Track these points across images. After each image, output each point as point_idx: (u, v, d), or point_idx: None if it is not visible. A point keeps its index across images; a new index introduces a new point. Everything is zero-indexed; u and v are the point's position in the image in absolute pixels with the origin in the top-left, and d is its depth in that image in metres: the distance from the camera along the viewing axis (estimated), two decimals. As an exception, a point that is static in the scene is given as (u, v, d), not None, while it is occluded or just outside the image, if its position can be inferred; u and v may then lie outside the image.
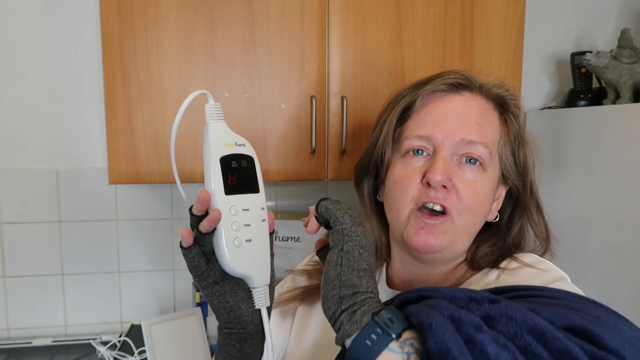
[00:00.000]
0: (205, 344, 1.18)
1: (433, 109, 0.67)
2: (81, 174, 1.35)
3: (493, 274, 0.67)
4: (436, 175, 0.62)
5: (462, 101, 0.67)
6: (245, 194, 0.54)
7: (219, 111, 0.55)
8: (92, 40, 1.31)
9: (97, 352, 1.25)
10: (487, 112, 0.68)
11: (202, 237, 0.52)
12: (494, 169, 0.67)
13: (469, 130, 0.64)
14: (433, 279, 0.70)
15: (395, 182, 0.67)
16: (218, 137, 0.54)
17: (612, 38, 1.51)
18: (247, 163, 0.55)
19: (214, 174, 0.52)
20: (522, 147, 0.70)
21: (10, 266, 1.34)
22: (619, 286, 1.14)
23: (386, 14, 1.06)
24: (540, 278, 0.63)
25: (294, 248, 1.37)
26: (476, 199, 0.64)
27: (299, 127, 1.06)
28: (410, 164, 0.66)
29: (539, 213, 0.72)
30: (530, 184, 0.70)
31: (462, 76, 0.67)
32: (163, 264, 1.42)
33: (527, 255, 0.69)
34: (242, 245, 0.53)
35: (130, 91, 1.00)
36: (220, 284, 0.55)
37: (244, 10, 1.02)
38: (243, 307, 0.56)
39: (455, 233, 0.65)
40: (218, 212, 0.51)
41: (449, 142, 0.64)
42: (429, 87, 0.67)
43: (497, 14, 1.10)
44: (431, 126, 0.65)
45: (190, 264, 0.53)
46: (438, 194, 0.63)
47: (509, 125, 0.69)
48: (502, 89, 0.69)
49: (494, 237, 0.71)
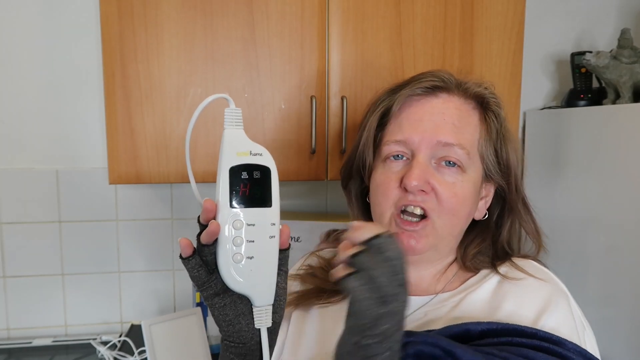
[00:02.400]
0: (205, 344, 1.18)
1: (410, 113, 0.67)
2: (81, 174, 1.35)
3: (493, 278, 0.67)
4: (412, 181, 0.62)
5: (438, 103, 0.67)
6: (254, 207, 0.51)
7: (239, 117, 0.52)
8: (92, 40, 1.31)
9: (97, 352, 1.25)
10: (466, 113, 0.67)
11: (203, 248, 0.51)
12: (475, 169, 0.67)
13: (445, 133, 0.64)
14: (424, 280, 0.70)
15: (377, 187, 0.68)
16: (231, 146, 0.51)
17: (612, 38, 1.51)
18: (261, 174, 0.52)
19: (222, 184, 0.50)
20: (505, 145, 0.69)
21: (10, 266, 1.34)
22: (619, 286, 1.14)
23: (386, 14, 1.06)
24: (542, 290, 0.63)
25: (294, 248, 1.36)
26: (456, 200, 0.64)
27: (299, 127, 1.06)
28: (390, 168, 0.67)
29: (526, 211, 0.72)
30: (515, 182, 0.70)
31: (438, 78, 0.67)
32: (163, 264, 1.42)
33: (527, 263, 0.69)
34: (242, 262, 0.51)
35: (130, 91, 1.00)
36: (221, 296, 0.53)
37: (244, 10, 1.02)
38: (243, 322, 0.54)
39: (436, 236, 0.65)
40: (216, 225, 0.50)
41: (425, 146, 0.64)
42: (405, 91, 0.67)
43: (497, 13, 1.10)
44: (408, 130, 0.65)
45: (190, 274, 0.52)
46: (417, 197, 0.64)
47: (490, 123, 0.69)
48: (481, 87, 0.69)
49: (481, 236, 0.72)
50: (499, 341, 0.53)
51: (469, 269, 0.70)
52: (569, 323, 0.60)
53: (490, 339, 0.54)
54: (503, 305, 0.63)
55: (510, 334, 0.54)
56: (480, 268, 0.69)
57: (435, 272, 0.70)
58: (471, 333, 0.55)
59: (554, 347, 0.52)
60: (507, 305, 0.62)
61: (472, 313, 0.63)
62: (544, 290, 0.64)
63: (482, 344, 0.54)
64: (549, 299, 0.62)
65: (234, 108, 0.52)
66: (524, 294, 0.63)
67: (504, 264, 0.69)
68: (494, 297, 0.64)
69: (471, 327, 0.56)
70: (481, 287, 0.66)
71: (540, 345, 0.52)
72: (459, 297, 0.66)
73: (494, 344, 0.53)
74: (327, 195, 1.49)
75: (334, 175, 1.09)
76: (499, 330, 0.55)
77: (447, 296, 0.67)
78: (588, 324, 0.65)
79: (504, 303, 0.63)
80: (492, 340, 0.54)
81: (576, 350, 0.53)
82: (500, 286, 0.66)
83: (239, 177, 0.50)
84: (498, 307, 0.63)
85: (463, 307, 0.64)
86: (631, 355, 1.10)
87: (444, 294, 0.68)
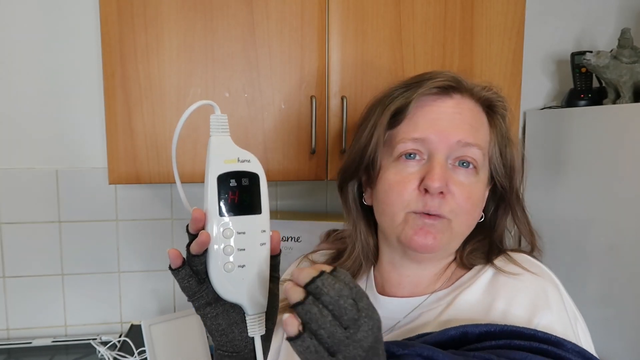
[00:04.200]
0: (205, 344, 1.18)
1: (426, 112, 0.66)
2: (81, 174, 1.35)
3: (487, 272, 0.67)
4: (435, 182, 0.61)
5: (453, 104, 0.66)
6: (243, 215, 0.50)
7: (224, 124, 0.51)
8: (92, 40, 1.31)
9: (97, 352, 1.25)
10: (478, 115, 0.68)
11: (193, 258, 0.50)
12: (485, 171, 0.68)
13: (464, 133, 0.64)
14: (424, 280, 0.70)
15: (390, 187, 0.66)
16: (218, 153, 0.50)
17: (612, 38, 1.51)
18: (250, 181, 0.51)
19: (210, 193, 0.49)
20: (509, 148, 0.70)
21: (10, 266, 1.34)
22: (619, 286, 1.14)
23: (386, 14, 1.06)
24: (536, 286, 0.64)
25: (294, 248, 1.37)
26: (471, 202, 0.65)
27: (299, 127, 1.06)
28: (405, 168, 0.65)
29: (523, 213, 0.72)
30: (516, 184, 0.71)
31: (452, 78, 0.67)
32: (163, 264, 1.42)
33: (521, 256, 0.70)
34: (233, 271, 0.50)
35: (130, 91, 1.00)
36: (213, 305, 0.52)
37: (244, 11, 1.02)
38: (236, 331, 0.54)
39: (451, 234, 0.65)
40: (206, 236, 0.49)
41: (444, 145, 0.64)
42: (421, 90, 0.66)
43: (497, 13, 1.10)
44: (426, 129, 0.65)
45: (181, 284, 0.51)
46: (434, 201, 0.63)
47: (497, 126, 0.69)
48: (490, 91, 0.69)
49: (478, 235, 0.72)
50: (498, 344, 0.53)
51: (464, 265, 0.70)
52: (563, 319, 0.61)
53: (488, 342, 0.54)
54: (496, 304, 0.63)
55: (509, 337, 0.54)
56: (474, 264, 0.70)
57: (436, 271, 0.71)
58: (469, 336, 0.55)
59: (553, 348, 0.52)
60: (500, 303, 0.62)
61: (465, 314, 0.63)
62: (537, 285, 0.64)
63: (481, 347, 0.54)
64: (542, 295, 0.62)
65: (219, 114, 0.51)
66: (517, 290, 0.63)
67: (498, 257, 0.69)
68: (487, 294, 0.64)
69: (469, 330, 0.55)
70: (475, 284, 0.66)
71: (539, 347, 0.52)
72: (452, 295, 0.66)
73: (493, 347, 0.53)
74: (327, 195, 1.49)
75: (334, 175, 1.09)
76: (497, 333, 0.55)
77: (442, 294, 0.68)
78: (579, 312, 0.66)
79: (497, 302, 0.63)
80: (490, 344, 0.54)
81: (575, 350, 0.53)
82: (495, 280, 0.66)
83: (227, 185, 0.50)
84: (491, 306, 0.63)
85: (456, 306, 0.64)
86: (631, 355, 1.10)
87: (439, 292, 0.68)
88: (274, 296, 0.55)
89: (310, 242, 1.27)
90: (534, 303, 0.62)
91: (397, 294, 0.70)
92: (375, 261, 0.75)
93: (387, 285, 0.72)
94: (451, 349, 0.55)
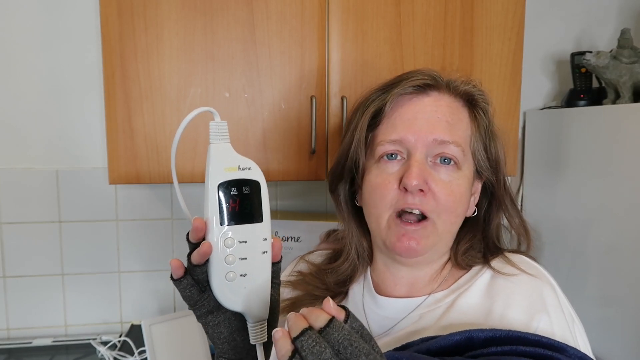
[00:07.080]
0: (205, 344, 1.18)
1: (403, 112, 0.67)
2: (81, 174, 1.35)
3: (485, 274, 0.67)
4: (412, 180, 0.62)
5: (430, 102, 0.67)
6: (245, 224, 0.50)
7: (224, 130, 0.50)
8: (92, 40, 1.31)
9: (97, 352, 1.25)
10: (457, 110, 0.68)
11: (195, 267, 0.50)
12: (468, 166, 0.68)
13: (440, 130, 0.65)
14: (420, 281, 0.70)
15: (373, 189, 0.67)
16: (218, 161, 0.49)
17: (612, 38, 1.51)
18: (251, 189, 0.50)
19: (210, 201, 0.48)
20: (493, 141, 0.70)
21: (10, 266, 1.34)
22: (619, 286, 1.14)
23: (386, 14, 1.06)
24: (534, 288, 0.64)
25: (294, 248, 1.37)
26: (453, 198, 0.65)
27: (299, 127, 1.06)
28: (386, 169, 0.66)
29: (513, 206, 0.72)
30: (503, 177, 0.71)
31: (429, 76, 0.67)
32: (163, 264, 1.42)
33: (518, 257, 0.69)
34: (235, 280, 0.49)
35: (130, 91, 1.00)
36: (215, 313, 0.52)
37: (244, 11, 1.02)
38: (238, 338, 0.53)
39: (436, 235, 0.65)
40: (208, 246, 0.48)
41: (421, 144, 0.64)
42: (396, 90, 0.67)
43: (497, 13, 1.10)
44: (402, 130, 0.65)
45: (182, 294, 0.51)
46: (415, 198, 0.63)
47: (479, 120, 0.69)
48: (469, 85, 0.69)
49: (471, 232, 0.72)
50: (503, 350, 0.53)
51: (461, 266, 0.70)
52: (561, 322, 0.61)
53: (493, 348, 0.54)
54: (495, 307, 0.63)
55: (514, 342, 0.54)
56: (472, 265, 0.69)
57: (432, 272, 0.70)
58: (474, 341, 0.55)
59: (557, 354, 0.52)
60: (499, 307, 0.62)
61: (465, 317, 0.63)
62: (535, 287, 0.64)
63: (486, 353, 0.54)
64: (539, 297, 0.63)
65: (219, 121, 0.50)
66: (515, 293, 0.63)
67: (496, 258, 0.69)
68: (486, 297, 0.64)
69: (474, 335, 0.55)
70: (473, 286, 0.66)
71: (543, 354, 0.52)
72: (451, 297, 0.66)
73: (498, 353, 0.53)
74: (327, 195, 1.49)
75: (334, 175, 1.09)
76: (502, 338, 0.55)
77: (441, 296, 0.67)
78: (575, 314, 0.66)
79: (496, 304, 0.63)
80: (495, 350, 0.54)
81: (577, 356, 0.54)
82: (493, 282, 0.66)
83: (228, 193, 0.49)
84: (490, 309, 0.63)
85: (456, 309, 0.64)
86: (631, 355, 1.10)
87: (437, 293, 0.68)
88: (275, 302, 0.55)
89: (310, 242, 1.27)
90: (531, 305, 0.62)
91: (395, 294, 0.70)
92: (371, 262, 0.75)
93: (384, 285, 0.72)
94: (455, 354, 0.55)
